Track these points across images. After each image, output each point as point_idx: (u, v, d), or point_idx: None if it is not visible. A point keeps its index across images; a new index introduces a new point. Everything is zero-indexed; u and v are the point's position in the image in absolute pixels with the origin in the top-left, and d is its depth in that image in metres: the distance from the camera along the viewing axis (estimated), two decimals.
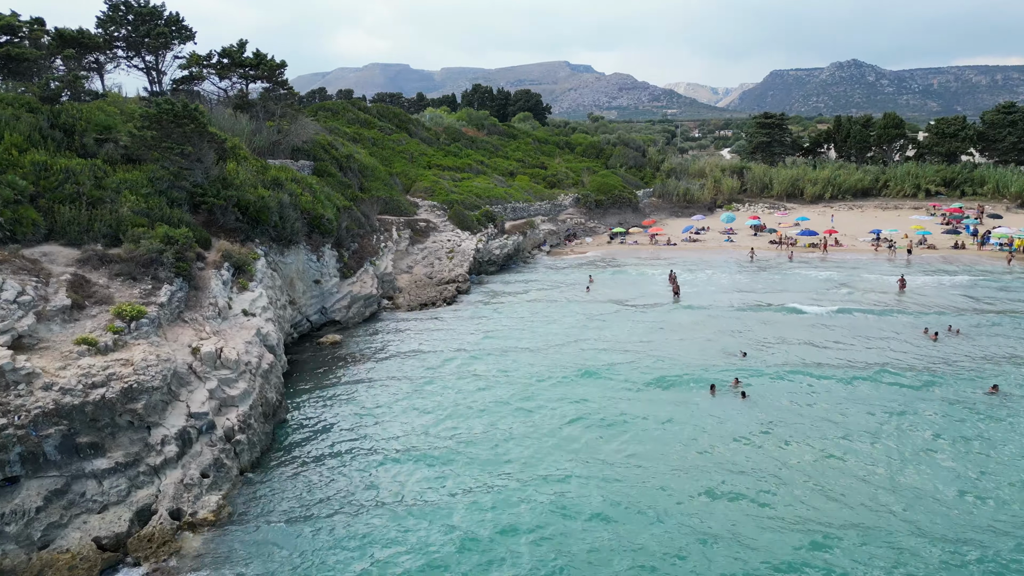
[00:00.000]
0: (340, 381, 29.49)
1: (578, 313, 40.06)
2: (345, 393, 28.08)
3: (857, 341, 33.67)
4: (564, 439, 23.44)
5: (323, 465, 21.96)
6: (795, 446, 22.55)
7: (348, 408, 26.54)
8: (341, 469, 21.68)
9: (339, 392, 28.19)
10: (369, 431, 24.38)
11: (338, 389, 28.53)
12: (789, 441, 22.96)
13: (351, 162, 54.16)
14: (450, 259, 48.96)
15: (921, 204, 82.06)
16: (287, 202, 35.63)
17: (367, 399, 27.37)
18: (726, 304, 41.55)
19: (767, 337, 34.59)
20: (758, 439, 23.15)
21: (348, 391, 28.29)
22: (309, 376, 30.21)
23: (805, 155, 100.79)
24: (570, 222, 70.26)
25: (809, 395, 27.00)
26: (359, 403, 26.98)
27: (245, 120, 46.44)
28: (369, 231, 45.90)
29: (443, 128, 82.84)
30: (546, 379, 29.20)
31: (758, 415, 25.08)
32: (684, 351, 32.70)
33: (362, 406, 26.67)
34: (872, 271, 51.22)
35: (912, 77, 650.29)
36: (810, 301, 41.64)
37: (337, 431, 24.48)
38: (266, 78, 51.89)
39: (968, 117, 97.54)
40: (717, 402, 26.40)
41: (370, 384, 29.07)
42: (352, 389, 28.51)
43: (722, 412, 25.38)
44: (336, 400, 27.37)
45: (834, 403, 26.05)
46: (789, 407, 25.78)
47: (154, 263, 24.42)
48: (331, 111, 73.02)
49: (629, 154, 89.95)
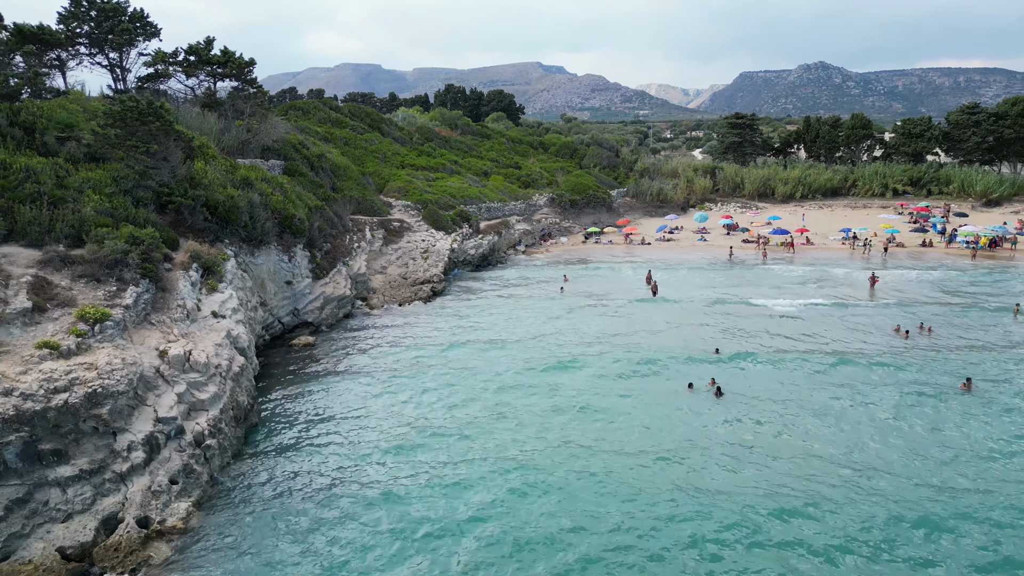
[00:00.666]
0: (312, 383, 28.97)
1: (553, 310, 39.92)
2: (317, 395, 27.58)
3: (829, 334, 34.01)
4: (538, 429, 23.26)
5: (295, 469, 21.50)
6: (766, 427, 22.71)
7: (320, 410, 26.06)
8: (313, 473, 21.24)
9: (311, 394, 27.68)
10: (341, 434, 23.95)
11: (310, 391, 28.02)
12: (761, 422, 23.15)
13: (323, 161, 53.44)
14: (425, 259, 48.54)
15: (889, 203, 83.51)
16: (257, 202, 34.97)
17: (339, 401, 26.91)
18: (702, 300, 41.75)
19: (743, 331, 34.79)
20: (733, 427, 23.24)
21: (321, 393, 27.79)
22: (281, 379, 29.63)
23: (776, 155, 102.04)
24: (545, 222, 70.19)
25: (780, 385, 27.17)
26: (331, 405, 26.51)
27: (213, 119, 45.52)
28: (342, 231, 45.28)
29: (416, 128, 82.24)
30: (520, 374, 29.00)
31: (733, 409, 25.17)
32: (660, 346, 32.72)
33: (334, 408, 26.21)
34: (846, 268, 51.88)
35: (877, 79, 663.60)
36: (787, 296, 42.03)
37: (309, 434, 24.01)
38: (234, 76, 51.00)
39: (933, 118, 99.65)
40: (693, 398, 26.42)
41: (342, 385, 28.59)
42: (324, 391, 28.02)
43: (698, 406, 25.41)
44: (308, 403, 26.87)
45: (804, 391, 26.26)
46: (761, 398, 25.91)
47: (119, 264, 23.70)
48: (302, 110, 72.05)
49: (603, 154, 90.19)
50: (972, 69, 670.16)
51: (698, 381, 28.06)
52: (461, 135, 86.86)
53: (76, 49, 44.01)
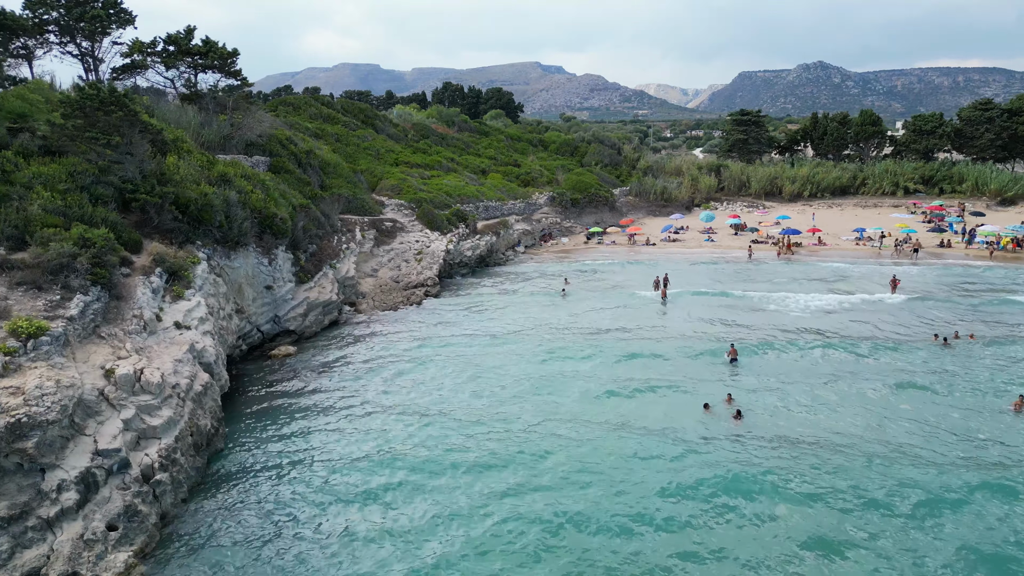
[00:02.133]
0: (291, 400, 26.13)
1: (554, 316, 37.10)
2: (295, 414, 24.74)
3: (860, 350, 31.24)
4: (532, 472, 20.45)
5: (263, 505, 18.67)
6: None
7: (297, 433, 23.23)
8: (284, 510, 18.41)
9: (289, 413, 24.84)
10: (319, 460, 21.12)
11: (288, 410, 25.17)
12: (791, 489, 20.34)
13: (311, 158, 50.60)
14: (418, 261, 45.71)
15: (900, 202, 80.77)
16: (234, 200, 32.12)
17: (319, 422, 24.07)
18: (715, 303, 38.94)
19: (759, 336, 31.99)
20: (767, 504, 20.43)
21: (299, 412, 24.96)
22: (256, 395, 26.78)
23: (781, 153, 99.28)
24: (545, 221, 67.37)
25: (806, 408, 24.39)
26: (310, 427, 23.68)
27: (193, 112, 42.69)
28: (330, 232, 42.46)
29: (412, 124, 79.36)
30: (520, 389, 26.18)
31: (759, 451, 22.35)
32: (673, 357, 29.92)
33: (313, 430, 23.38)
34: (866, 269, 49.08)
35: (876, 79, 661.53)
36: (808, 299, 39.23)
37: (282, 461, 21.18)
38: (217, 68, 48.16)
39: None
40: (709, 423, 23.61)
41: (325, 402, 25.76)
42: (304, 409, 25.19)
43: (716, 428, 22.61)
44: (284, 423, 24.03)
45: (843, 415, 23.49)
46: (786, 424, 23.12)
47: (65, 269, 20.87)
48: (292, 106, 69.20)
49: (604, 152, 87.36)
50: (971, 69, 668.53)
51: (713, 398, 25.30)
52: (458, 132, 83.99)
53: (45, 38, 41.15)
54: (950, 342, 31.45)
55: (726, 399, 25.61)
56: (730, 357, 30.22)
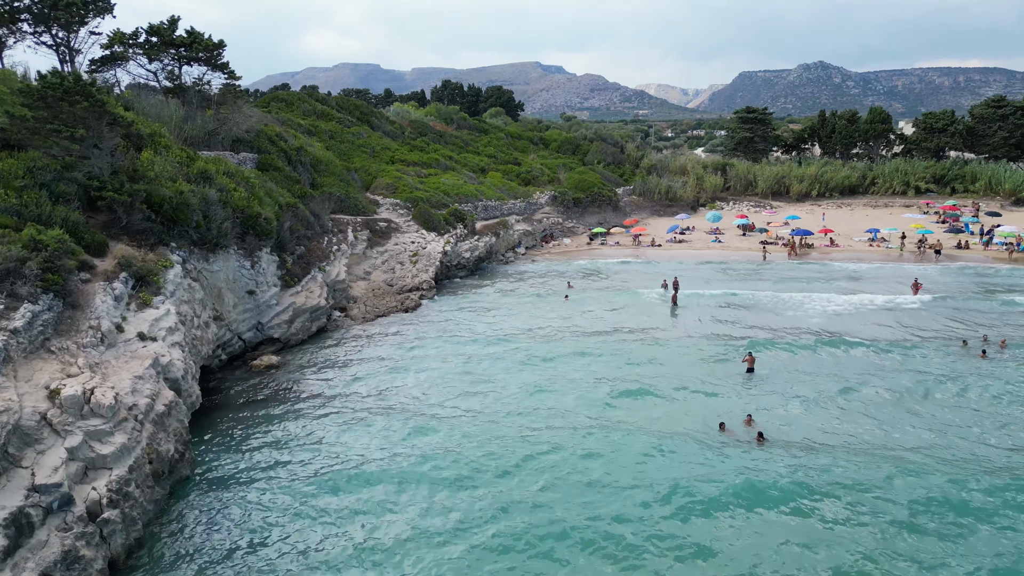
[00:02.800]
0: (270, 415, 23.87)
1: (558, 321, 34.85)
2: (274, 431, 22.49)
3: (888, 358, 28.98)
4: (530, 508, 18.19)
5: (234, 543, 16.41)
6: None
7: (275, 453, 20.97)
8: (256, 552, 16.15)
9: (267, 430, 22.59)
10: (301, 488, 18.86)
11: (266, 426, 22.92)
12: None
13: (302, 155, 48.34)
14: (414, 263, 43.45)
15: (912, 202, 78.42)
16: (214, 198, 29.87)
17: (300, 439, 21.81)
18: (728, 306, 36.68)
19: (779, 343, 29.73)
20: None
21: (279, 428, 22.71)
22: (232, 411, 24.51)
23: (788, 152, 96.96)
24: (546, 222, 65.08)
25: (836, 423, 22.13)
26: (292, 447, 21.42)
27: (175, 106, 40.44)
28: (319, 232, 40.22)
29: (409, 122, 77.05)
30: (519, 403, 23.91)
31: (790, 489, 20.09)
32: (686, 371, 27.65)
33: (295, 451, 21.13)
34: (884, 270, 46.83)
35: (877, 79, 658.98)
36: (827, 302, 37.00)
37: (257, 489, 18.92)
38: (203, 61, 45.92)
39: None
40: (726, 447, 21.34)
41: (307, 417, 23.51)
42: (284, 426, 22.93)
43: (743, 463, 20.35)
44: (261, 442, 21.78)
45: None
46: (815, 440, 20.85)
47: (11, 275, 18.61)
48: (285, 102, 66.95)
49: (607, 150, 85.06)
50: (971, 69, 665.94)
51: (730, 416, 23.06)
52: (457, 130, 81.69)
53: (18, 27, 38.89)
54: (975, 346, 29.24)
55: (746, 420, 23.29)
56: (747, 366, 28.00)
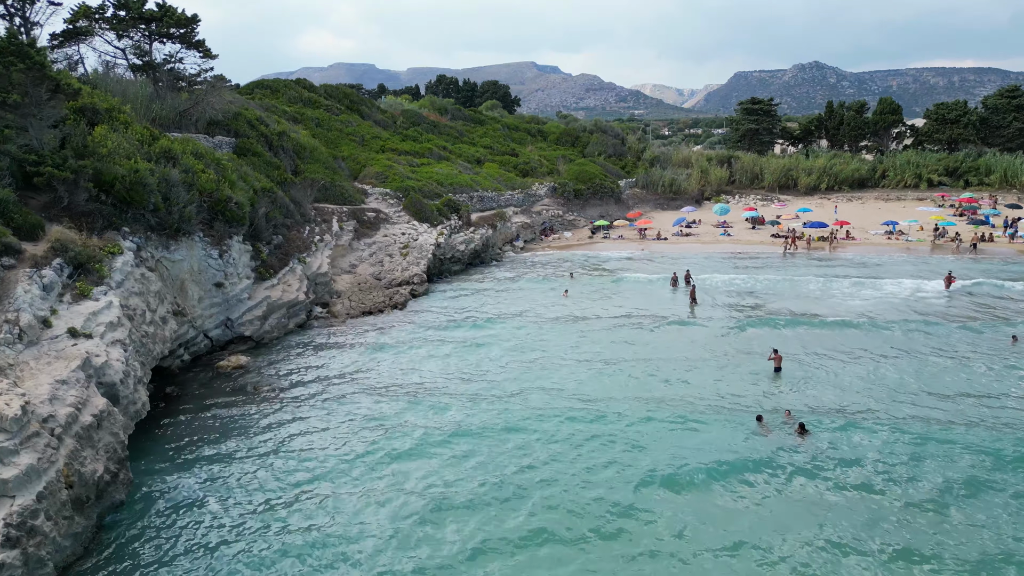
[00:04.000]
0: (234, 426, 20.54)
1: (559, 324, 31.60)
2: (237, 447, 19.16)
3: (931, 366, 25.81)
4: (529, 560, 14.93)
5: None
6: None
7: (236, 473, 17.65)
8: None
9: (229, 445, 19.26)
10: (263, 517, 15.54)
11: (228, 440, 19.59)
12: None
13: (284, 140, 44.97)
14: (404, 256, 40.11)
15: (925, 195, 75.38)
16: (176, 179, 26.50)
17: (269, 457, 18.50)
18: (750, 304, 33.49)
19: (809, 345, 26.54)
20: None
21: (243, 443, 19.38)
22: (188, 420, 21.16)
23: (794, 144, 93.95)
24: (546, 214, 61.82)
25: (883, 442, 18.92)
26: (255, 464, 18.11)
27: (142, 83, 37.08)
28: (300, 221, 36.88)
29: (401, 112, 73.71)
30: (519, 415, 20.64)
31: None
32: (712, 378, 24.43)
33: (258, 470, 17.81)
34: (913, 265, 43.74)
35: (872, 79, 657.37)
36: (858, 299, 33.86)
37: (210, 515, 15.62)
38: (177, 38, 42.55)
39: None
40: (767, 443, 18.10)
41: (278, 431, 20.20)
42: (250, 440, 19.61)
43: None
44: (221, 460, 18.45)
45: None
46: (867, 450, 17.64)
47: None
48: (270, 88, 63.50)
49: (608, 142, 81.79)
50: (966, 69, 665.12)
51: (765, 414, 19.91)
52: (452, 120, 78.32)
53: None
54: None
55: (785, 414, 20.44)
56: (774, 365, 24.86)
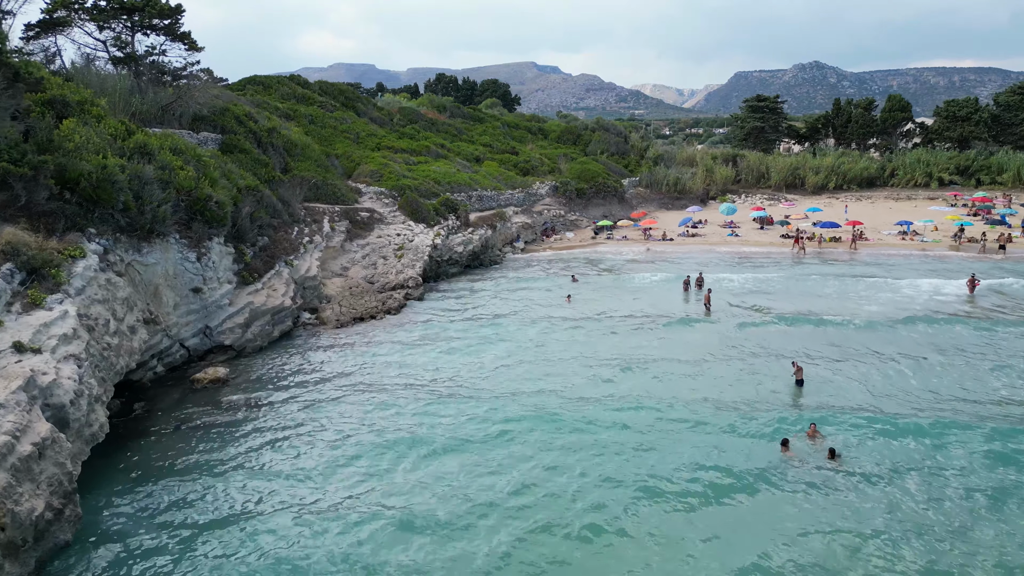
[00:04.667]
0: (206, 449, 18.55)
1: (564, 331, 29.62)
2: (207, 474, 17.17)
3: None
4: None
5: None
6: None
7: (203, 506, 15.67)
8: None
9: (198, 472, 17.27)
10: (234, 559, 13.55)
11: (198, 466, 17.59)
12: None
13: (274, 137, 42.97)
14: (399, 258, 38.12)
15: (936, 194, 73.52)
16: (150, 176, 24.49)
17: (242, 487, 16.50)
18: (769, 311, 31.52)
19: (837, 353, 24.57)
20: None
21: (213, 470, 17.39)
22: (155, 442, 19.15)
23: (800, 142, 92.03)
24: (547, 214, 59.84)
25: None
26: (225, 495, 16.11)
27: (122, 76, 35.13)
28: (289, 221, 34.90)
29: (398, 109, 71.73)
30: (526, 447, 18.66)
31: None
32: (730, 391, 22.45)
33: (232, 500, 15.83)
34: (939, 266, 41.82)
35: (872, 79, 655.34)
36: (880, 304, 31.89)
37: (171, 562, 13.61)
38: (161, 29, 40.64)
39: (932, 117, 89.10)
40: (795, 468, 16.12)
41: (255, 452, 18.22)
42: (222, 464, 17.62)
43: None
44: (189, 489, 16.46)
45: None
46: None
47: None
48: (262, 84, 61.49)
49: (610, 140, 79.84)
50: (967, 69, 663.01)
51: (789, 434, 17.96)
52: (450, 118, 76.34)
53: None
54: None
55: (809, 431, 18.52)
56: (795, 377, 22.91)
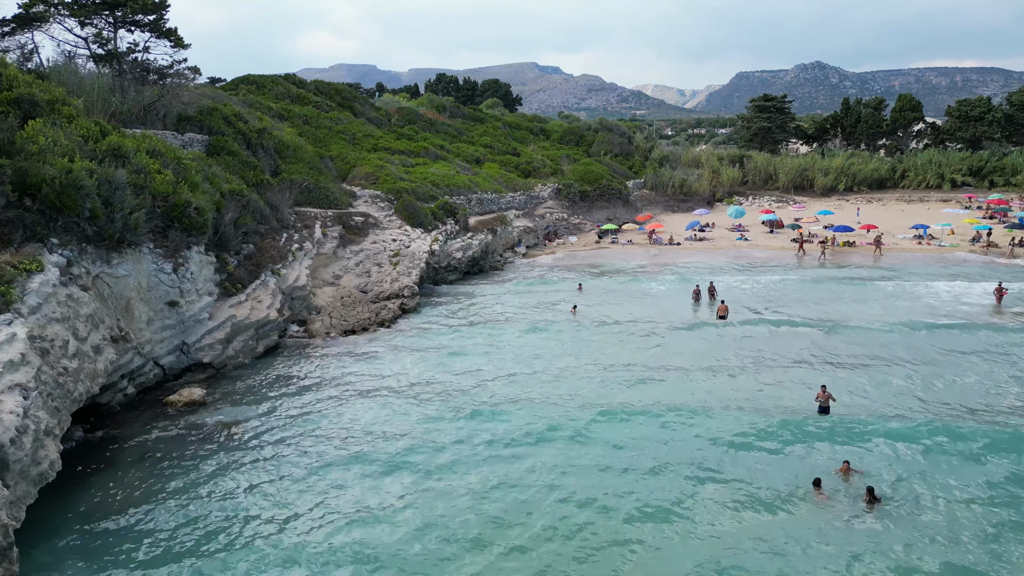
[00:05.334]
0: (173, 484, 16.67)
1: (568, 346, 27.73)
2: (173, 515, 15.29)
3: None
4: None
5: None
6: None
7: (167, 554, 13.77)
8: None
9: (163, 512, 15.39)
10: None
11: (163, 505, 15.71)
12: None
13: (265, 138, 41.14)
14: (394, 265, 36.25)
15: (949, 196, 71.59)
16: (122, 181, 22.64)
17: (210, 531, 14.61)
18: (791, 321, 29.62)
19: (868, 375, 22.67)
20: None
21: (180, 510, 15.50)
22: (117, 478, 17.26)
23: (808, 143, 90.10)
24: (550, 217, 57.95)
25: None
26: (192, 542, 14.22)
27: (102, 75, 33.33)
28: (277, 228, 33.03)
29: (396, 109, 69.88)
30: (532, 492, 16.79)
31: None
32: (746, 410, 20.55)
33: (196, 554, 13.93)
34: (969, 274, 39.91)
35: (874, 79, 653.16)
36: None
37: None
38: (148, 26, 38.79)
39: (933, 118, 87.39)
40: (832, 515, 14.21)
41: (230, 487, 16.36)
42: (190, 503, 15.75)
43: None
44: (152, 533, 14.57)
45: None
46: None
47: None
48: (256, 84, 59.66)
49: (614, 140, 77.94)
50: (969, 69, 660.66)
51: (825, 471, 16.08)
52: (450, 118, 74.51)
53: None
54: None
55: (842, 468, 16.60)
56: (819, 403, 20.84)
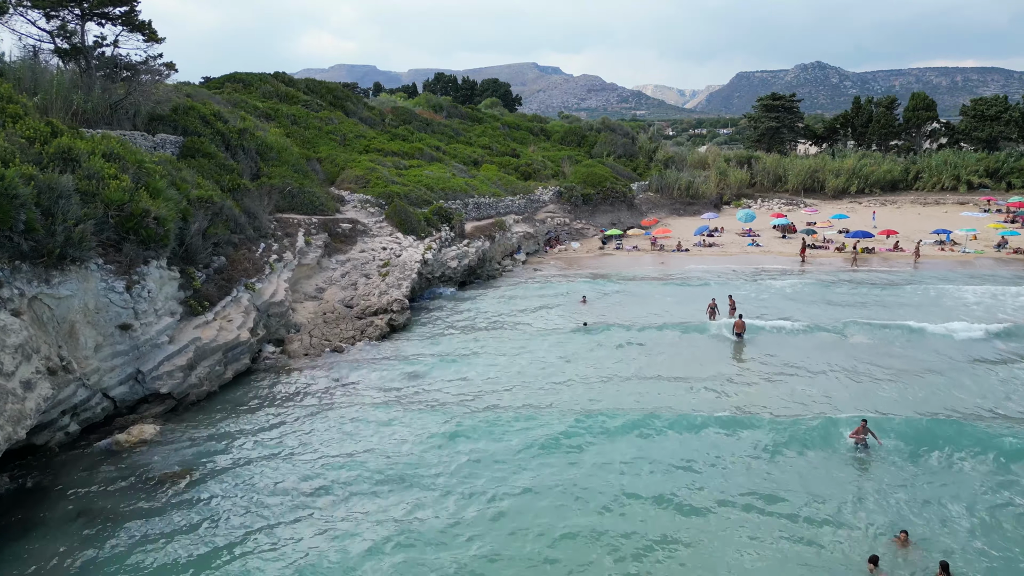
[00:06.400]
0: (113, 547, 13.91)
1: (574, 367, 25.00)
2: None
3: None
4: None
5: None
6: None
7: None
8: None
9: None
10: None
11: (98, 565, 12.98)
12: None
13: (246, 139, 38.39)
14: (383, 276, 33.49)
15: (967, 198, 68.90)
16: (68, 188, 19.91)
17: None
18: (817, 344, 26.89)
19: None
20: None
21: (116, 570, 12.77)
22: (45, 537, 14.49)
23: (817, 143, 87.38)
24: (551, 222, 55.22)
25: None
26: None
27: (62, 69, 30.61)
28: (254, 236, 30.26)
29: (390, 108, 67.16)
30: (533, 538, 14.05)
31: None
32: (773, 445, 17.79)
33: None
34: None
35: (875, 79, 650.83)
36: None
37: None
38: (119, 19, 36.08)
39: (940, 115, 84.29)
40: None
41: (182, 549, 13.58)
42: (131, 565, 13.01)
43: None
44: None
45: None
46: None
47: None
48: (242, 82, 56.94)
49: (617, 141, 75.22)
50: (969, 69, 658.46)
51: (872, 542, 13.30)
52: (447, 118, 71.80)
53: None
54: None
55: (900, 538, 13.89)
56: (855, 440, 18.15)
